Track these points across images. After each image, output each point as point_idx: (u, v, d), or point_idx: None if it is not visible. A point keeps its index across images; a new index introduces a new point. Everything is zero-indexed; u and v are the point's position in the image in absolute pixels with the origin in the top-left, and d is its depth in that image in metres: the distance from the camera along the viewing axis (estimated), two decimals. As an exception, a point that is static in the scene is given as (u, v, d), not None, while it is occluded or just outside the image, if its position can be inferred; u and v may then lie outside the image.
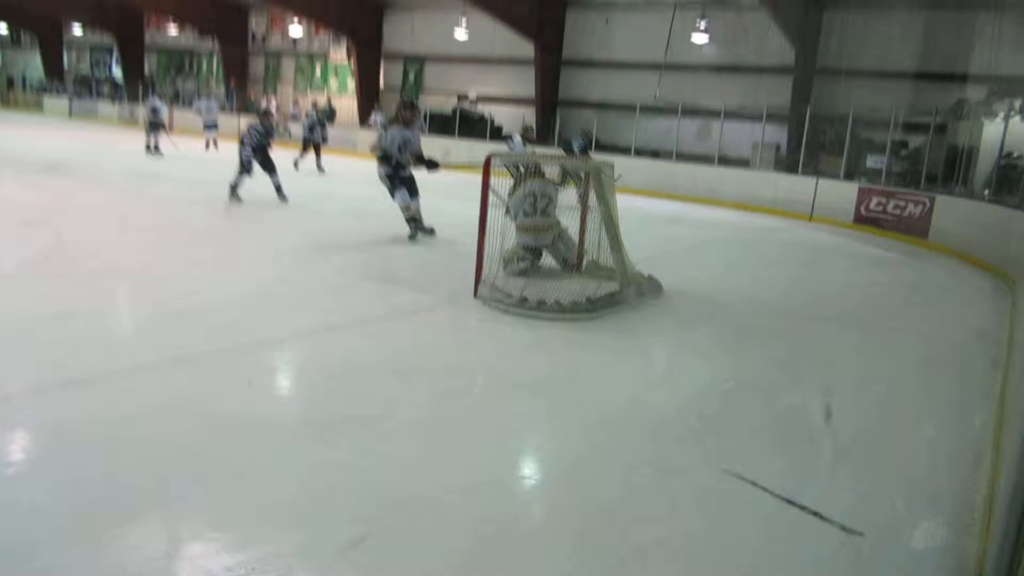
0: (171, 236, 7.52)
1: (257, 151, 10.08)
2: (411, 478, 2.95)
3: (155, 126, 16.68)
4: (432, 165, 8.28)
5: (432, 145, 16.43)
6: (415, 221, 8.33)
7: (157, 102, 17.22)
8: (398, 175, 8.15)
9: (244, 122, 23.29)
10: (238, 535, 2.49)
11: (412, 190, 8.29)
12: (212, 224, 8.53)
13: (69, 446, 2.96)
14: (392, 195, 8.25)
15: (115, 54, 33.31)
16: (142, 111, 19.95)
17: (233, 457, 2.99)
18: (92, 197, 9.76)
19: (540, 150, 15.86)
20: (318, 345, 4.59)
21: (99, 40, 34.07)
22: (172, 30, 30.76)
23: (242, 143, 10.14)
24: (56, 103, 31.26)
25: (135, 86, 29.74)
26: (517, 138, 15.69)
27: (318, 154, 15.45)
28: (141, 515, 2.55)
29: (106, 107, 29.54)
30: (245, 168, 9.98)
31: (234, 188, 9.94)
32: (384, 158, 8.06)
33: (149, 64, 32.43)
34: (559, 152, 15.36)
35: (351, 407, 3.61)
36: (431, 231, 8.53)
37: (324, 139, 15.54)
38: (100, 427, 3.14)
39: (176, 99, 29.43)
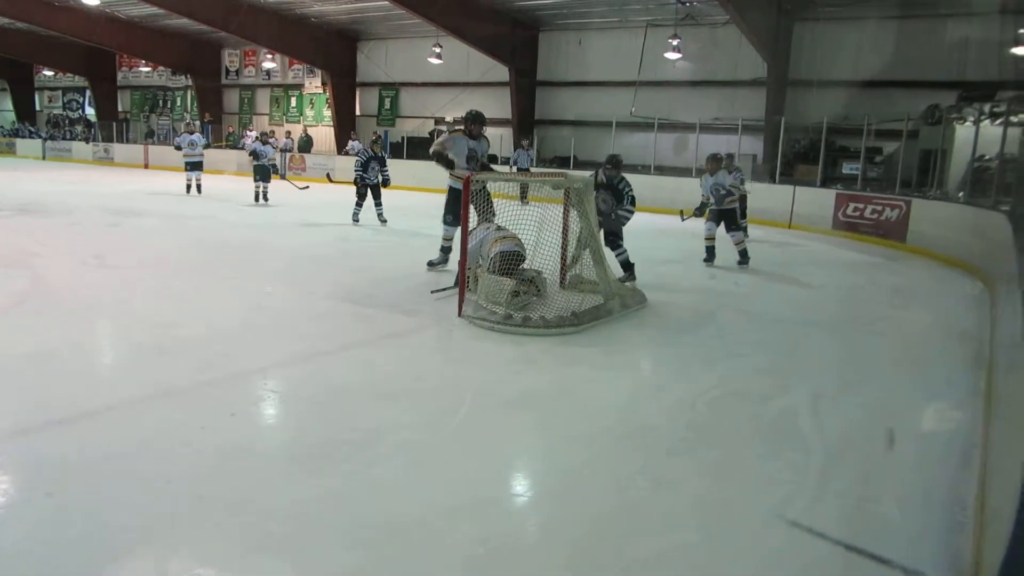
0: (150, 271, 7.45)
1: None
2: (404, 502, 2.91)
3: (263, 171, 14.63)
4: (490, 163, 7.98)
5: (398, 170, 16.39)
6: (448, 252, 7.68)
7: (259, 146, 14.91)
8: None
9: (223, 156, 23.50)
10: (228, 571, 2.44)
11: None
12: (191, 257, 8.46)
13: (51, 487, 2.89)
14: (447, 217, 7.69)
15: (88, 95, 33.22)
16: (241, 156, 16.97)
17: (220, 490, 2.94)
18: (68, 236, 9.67)
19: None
20: (303, 372, 4.54)
21: (71, 81, 33.98)
22: (145, 68, 30.78)
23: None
24: (29, 145, 31.02)
25: (109, 125, 29.70)
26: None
27: (377, 199, 11.97)
28: (127, 554, 2.49)
29: (80, 147, 29.38)
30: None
31: None
32: (447, 166, 7.51)
33: (122, 102, 32.38)
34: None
35: (339, 433, 3.57)
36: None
37: (384, 180, 12.05)
38: (82, 466, 3.08)
39: (151, 136, 29.43)
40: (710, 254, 9.31)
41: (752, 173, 16.69)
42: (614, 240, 7.54)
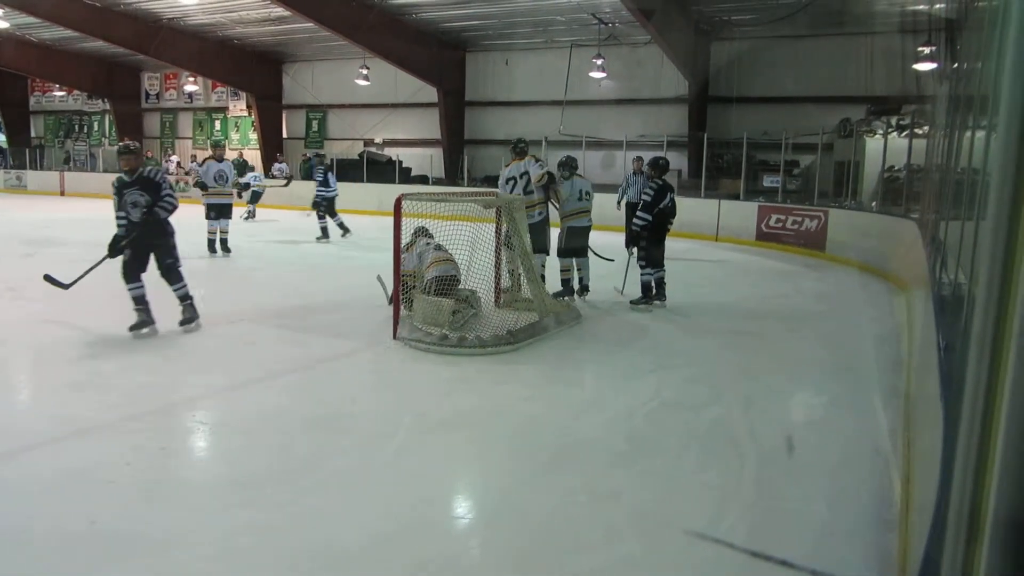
0: (69, 302, 7.13)
1: None
2: (341, 530, 2.85)
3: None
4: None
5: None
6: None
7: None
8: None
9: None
10: (158, 609, 2.35)
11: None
12: (112, 286, 8.12)
13: (-37, 534, 2.73)
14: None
15: (-2, 120, 31.84)
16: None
17: (149, 528, 2.83)
18: (-21, 268, 9.20)
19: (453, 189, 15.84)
20: (234, 401, 4.42)
21: (-21, 107, 32.49)
22: (59, 92, 29.69)
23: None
24: (-66, 174, 29.48)
25: (21, 152, 28.48)
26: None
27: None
28: (48, 600, 2.37)
29: (-9, 175, 28.10)
30: None
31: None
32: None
33: (35, 128, 31.13)
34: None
35: (273, 462, 3.48)
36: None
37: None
38: (-2, 510, 2.92)
39: (67, 162, 28.34)
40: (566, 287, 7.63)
41: (678, 188, 17.12)
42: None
